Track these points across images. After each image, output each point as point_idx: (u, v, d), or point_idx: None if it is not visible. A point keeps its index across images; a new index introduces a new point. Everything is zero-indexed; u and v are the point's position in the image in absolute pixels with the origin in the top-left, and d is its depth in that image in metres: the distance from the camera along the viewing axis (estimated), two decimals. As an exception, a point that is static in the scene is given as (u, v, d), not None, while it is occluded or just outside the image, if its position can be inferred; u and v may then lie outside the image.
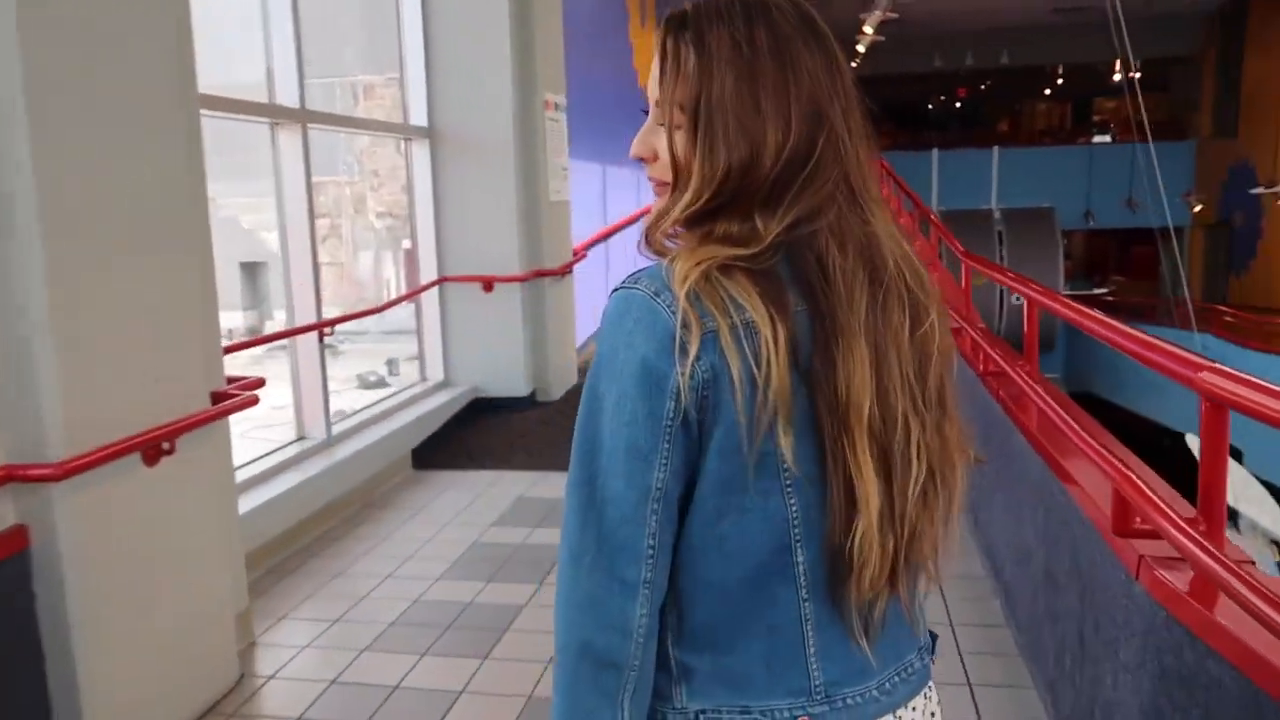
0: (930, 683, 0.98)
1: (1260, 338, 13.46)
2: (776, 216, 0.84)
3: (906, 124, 22.86)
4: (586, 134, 7.40)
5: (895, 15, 15.65)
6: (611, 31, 8.83)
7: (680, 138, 0.86)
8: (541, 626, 3.07)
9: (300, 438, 4.40)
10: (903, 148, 19.59)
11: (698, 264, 0.82)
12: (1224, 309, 15.17)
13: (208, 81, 3.08)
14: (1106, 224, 18.75)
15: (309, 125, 4.30)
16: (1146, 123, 5.85)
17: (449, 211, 5.67)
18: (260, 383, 2.98)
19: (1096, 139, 21.27)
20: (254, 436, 4.68)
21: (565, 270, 6.26)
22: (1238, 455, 9.32)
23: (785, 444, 0.82)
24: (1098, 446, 1.71)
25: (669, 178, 0.89)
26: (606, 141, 8.38)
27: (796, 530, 0.85)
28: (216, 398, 2.75)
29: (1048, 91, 24.04)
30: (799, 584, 0.86)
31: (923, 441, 0.87)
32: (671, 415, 0.82)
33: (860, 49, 16.90)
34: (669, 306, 0.82)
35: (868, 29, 16.08)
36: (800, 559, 0.85)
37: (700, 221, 0.86)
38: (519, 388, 5.81)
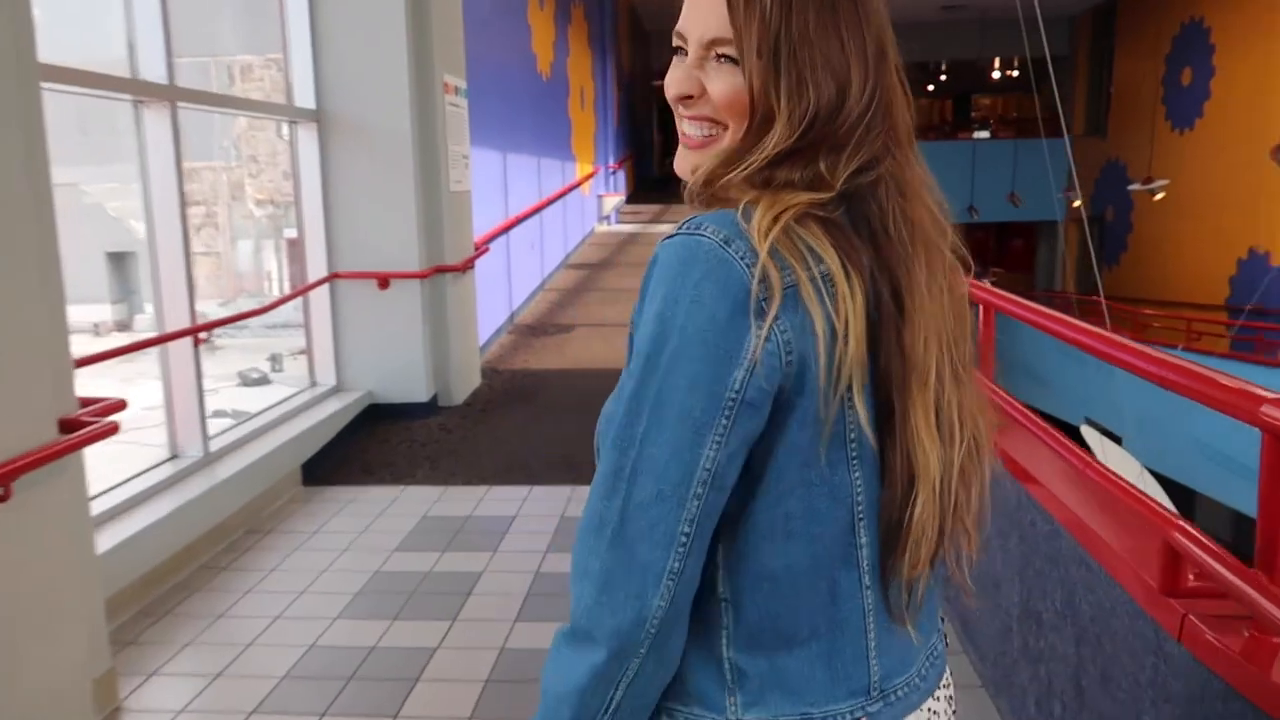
0: (947, 667, 0.93)
1: (1133, 327, 14.30)
2: (843, 162, 0.77)
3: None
4: (486, 120, 7.00)
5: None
6: (510, 14, 8.42)
7: (756, 75, 0.78)
8: (458, 675, 2.73)
9: (173, 456, 3.91)
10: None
11: (780, 213, 0.74)
12: (1099, 299, 15.87)
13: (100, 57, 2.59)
14: (990, 218, 19.37)
15: (178, 104, 3.80)
16: (1062, 117, 5.89)
17: (340, 202, 5.20)
18: (121, 405, 2.54)
19: (977, 134, 21.97)
20: (121, 440, 4.14)
21: (467, 265, 5.87)
22: (1117, 440, 9.64)
23: (860, 407, 0.75)
24: (1136, 494, 1.50)
25: (718, 115, 0.81)
26: (507, 128, 7.98)
27: (860, 506, 0.78)
28: (66, 426, 2.31)
29: (930, 88, 24.72)
30: (861, 569, 0.79)
31: (962, 407, 0.83)
32: (738, 387, 0.72)
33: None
34: (743, 258, 0.72)
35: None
36: (863, 540, 0.79)
37: (760, 169, 0.77)
38: (419, 392, 5.41)
